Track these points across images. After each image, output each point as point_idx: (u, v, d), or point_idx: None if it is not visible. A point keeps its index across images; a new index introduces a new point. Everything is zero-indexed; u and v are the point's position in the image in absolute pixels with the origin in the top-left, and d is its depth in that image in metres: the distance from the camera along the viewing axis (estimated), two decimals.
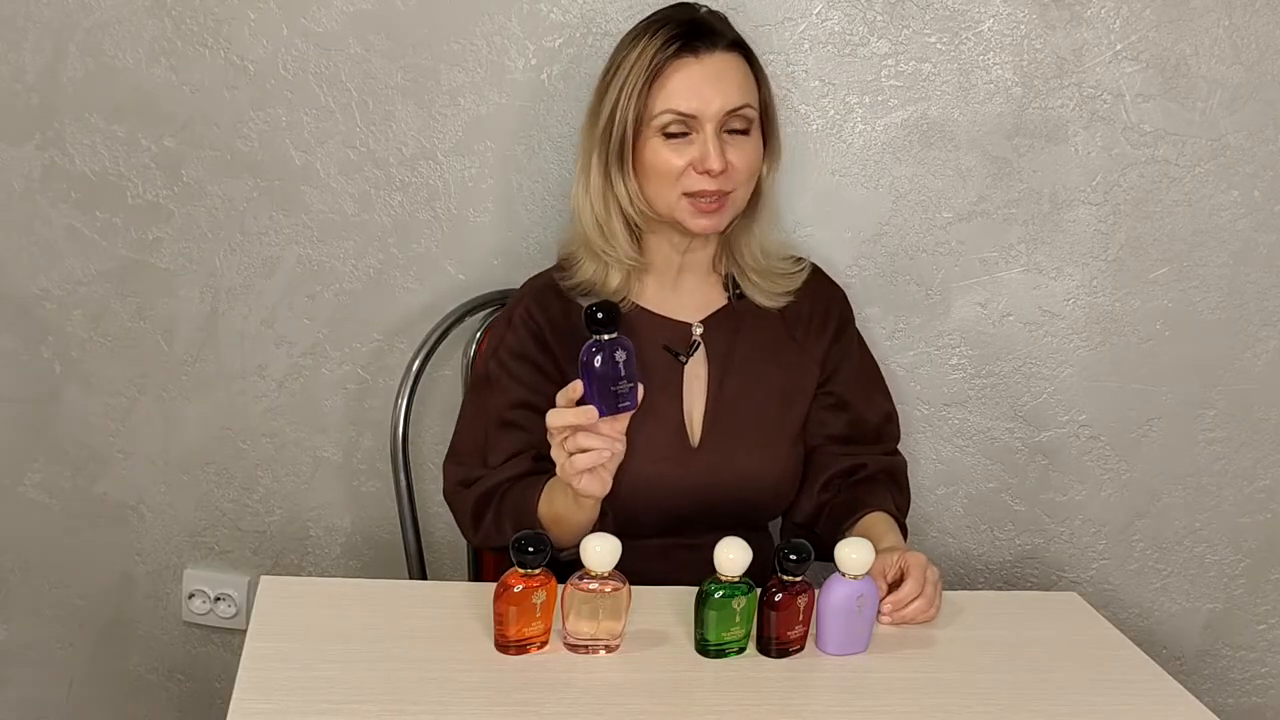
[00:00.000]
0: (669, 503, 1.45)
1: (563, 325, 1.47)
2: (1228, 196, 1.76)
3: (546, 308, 1.49)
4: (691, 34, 1.42)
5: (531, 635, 1.22)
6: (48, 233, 1.81)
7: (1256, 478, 1.86)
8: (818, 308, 1.57)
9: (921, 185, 1.77)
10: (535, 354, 1.47)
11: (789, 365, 1.54)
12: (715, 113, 1.40)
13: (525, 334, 1.48)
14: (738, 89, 1.42)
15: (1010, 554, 1.89)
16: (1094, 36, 1.71)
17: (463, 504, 1.47)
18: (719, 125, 1.41)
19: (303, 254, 1.81)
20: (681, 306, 1.52)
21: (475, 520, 1.45)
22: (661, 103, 1.41)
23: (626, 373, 1.26)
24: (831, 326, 1.57)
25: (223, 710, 1.09)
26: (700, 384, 1.50)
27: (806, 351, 1.55)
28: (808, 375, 1.55)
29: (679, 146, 1.41)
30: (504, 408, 1.47)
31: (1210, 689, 1.93)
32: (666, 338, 1.50)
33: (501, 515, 1.43)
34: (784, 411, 1.53)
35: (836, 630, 1.27)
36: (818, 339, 1.56)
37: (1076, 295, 1.80)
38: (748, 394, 1.50)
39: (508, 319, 1.51)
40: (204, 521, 1.92)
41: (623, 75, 1.43)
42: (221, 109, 1.76)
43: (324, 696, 1.12)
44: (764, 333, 1.54)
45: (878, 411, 1.59)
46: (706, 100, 1.40)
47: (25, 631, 1.98)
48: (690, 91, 1.40)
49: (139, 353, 1.85)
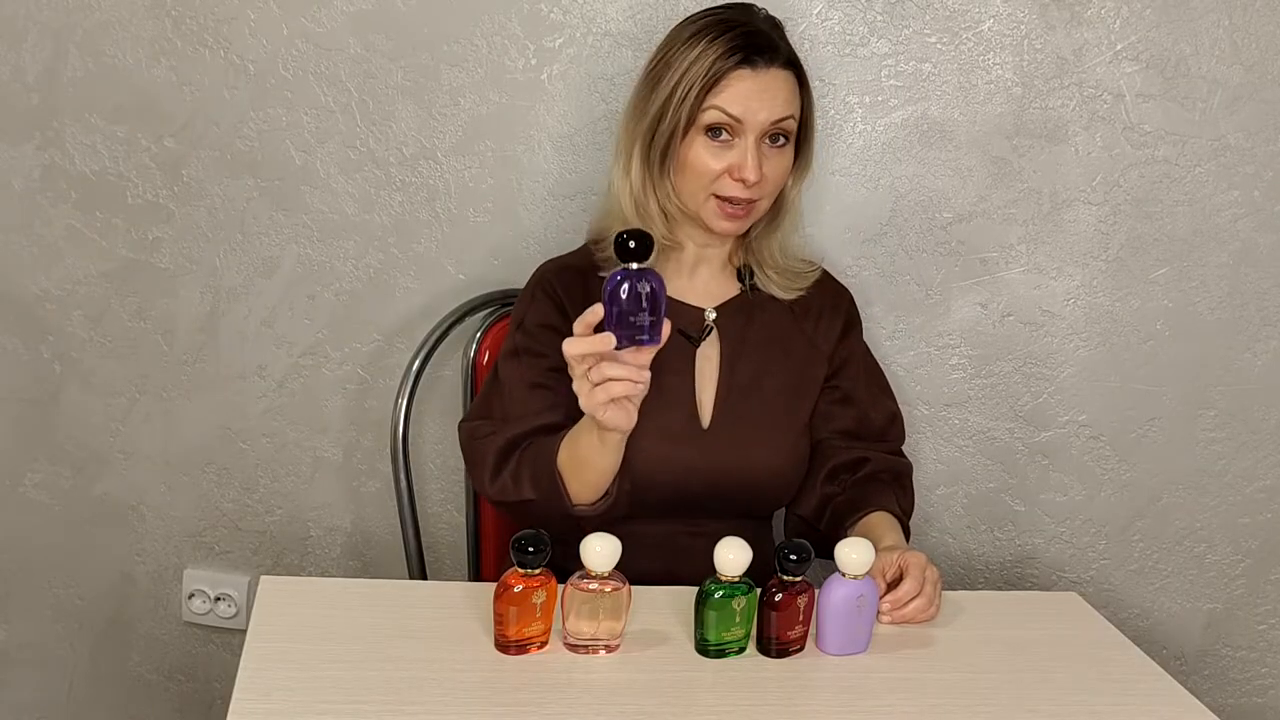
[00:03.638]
0: (678, 483, 1.46)
1: (582, 301, 1.47)
2: (1228, 196, 1.76)
3: (566, 283, 1.51)
4: (753, 48, 1.43)
5: (531, 635, 1.22)
6: (48, 233, 1.81)
7: (1256, 478, 1.86)
8: (827, 303, 1.59)
9: (921, 185, 1.77)
10: (559, 323, 1.48)
11: (799, 357, 1.55)
12: (760, 123, 1.42)
13: (549, 305, 1.50)
14: (784, 103, 1.44)
15: (1010, 554, 1.89)
16: (1094, 36, 1.71)
17: (483, 451, 1.45)
18: (760, 135, 1.43)
19: (303, 254, 1.81)
20: (695, 293, 1.54)
21: (496, 470, 1.43)
22: (711, 101, 1.43)
23: (649, 305, 1.22)
24: (840, 322, 1.59)
25: (223, 710, 1.09)
26: (712, 367, 1.52)
27: (816, 345, 1.56)
28: (816, 367, 1.56)
29: (719, 151, 1.43)
30: (535, 373, 1.47)
31: (1210, 689, 1.93)
32: (680, 321, 1.51)
33: (520, 466, 1.42)
34: (793, 401, 1.54)
35: (836, 630, 1.27)
36: (827, 333, 1.57)
37: (1076, 295, 1.80)
38: (758, 381, 1.52)
39: (530, 295, 1.52)
40: (204, 521, 1.92)
41: (678, 73, 1.43)
42: (221, 109, 1.76)
43: (324, 696, 1.12)
44: (775, 323, 1.55)
45: (883, 411, 1.60)
46: (754, 111, 1.42)
47: (25, 631, 1.98)
48: (741, 100, 1.42)
49: (139, 353, 1.85)
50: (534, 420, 1.44)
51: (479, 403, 1.53)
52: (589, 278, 1.51)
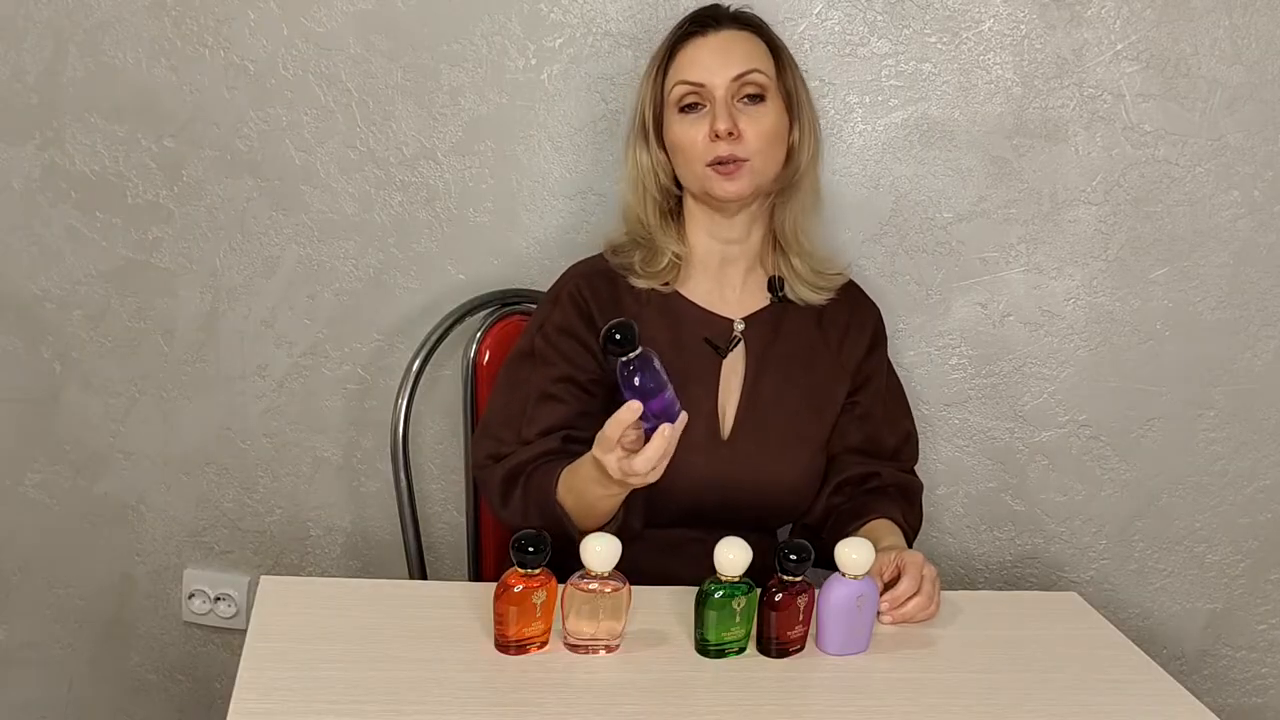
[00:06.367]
0: (693, 492, 1.45)
1: (610, 308, 1.49)
2: (1228, 196, 1.76)
3: (596, 289, 1.51)
4: (699, 20, 1.50)
5: (531, 635, 1.22)
6: (48, 233, 1.81)
7: (1256, 478, 1.86)
8: (855, 319, 1.58)
9: (921, 185, 1.77)
10: (582, 330, 1.48)
11: (823, 373, 1.55)
12: (723, 82, 1.45)
13: (573, 310, 1.49)
14: (743, 56, 1.47)
15: (1010, 554, 1.89)
16: (1094, 36, 1.71)
17: (492, 479, 1.46)
18: (729, 93, 1.45)
19: (303, 254, 1.81)
20: (725, 302, 1.54)
21: (504, 498, 1.45)
22: (673, 77, 1.48)
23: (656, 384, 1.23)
24: (867, 339, 1.58)
25: (223, 710, 1.09)
26: (737, 379, 1.51)
27: (840, 361, 1.56)
28: (839, 384, 1.56)
29: (696, 121, 1.46)
30: (547, 381, 1.47)
31: (1210, 689, 1.93)
32: (708, 331, 1.51)
33: (527, 496, 1.42)
34: (814, 417, 1.54)
35: (836, 630, 1.27)
36: (853, 349, 1.57)
37: (1076, 295, 1.80)
38: (781, 395, 1.52)
39: (554, 297, 1.52)
40: (204, 521, 1.92)
41: (648, 67, 1.52)
42: (221, 109, 1.76)
43: (324, 696, 1.12)
44: (802, 337, 1.55)
45: (898, 431, 1.59)
46: (713, 70, 1.46)
47: (25, 631, 1.98)
48: (698, 63, 1.47)
49: (139, 353, 1.85)
50: (536, 448, 1.44)
51: (486, 417, 1.52)
52: (618, 283, 1.51)
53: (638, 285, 1.50)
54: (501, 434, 1.48)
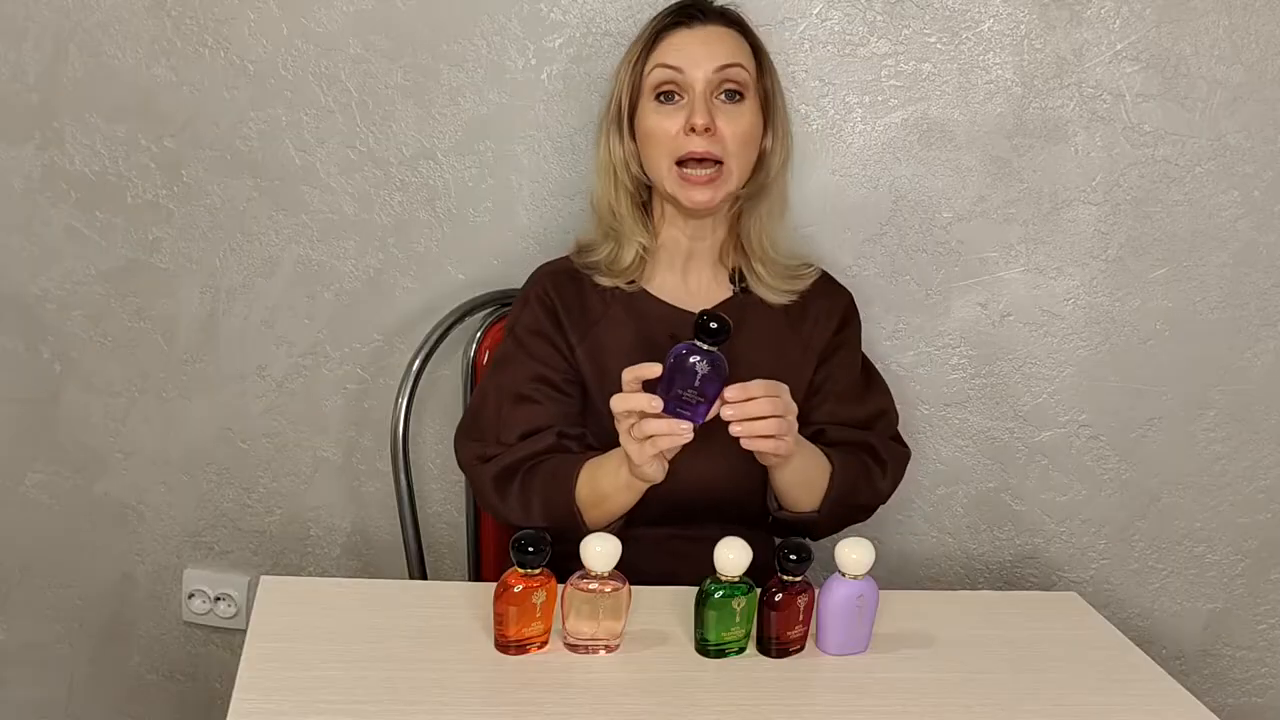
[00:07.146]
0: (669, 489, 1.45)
1: (576, 307, 1.50)
2: (1228, 196, 1.76)
3: (561, 288, 1.51)
4: (686, 12, 1.50)
5: (531, 635, 1.22)
6: (48, 233, 1.81)
7: (1256, 478, 1.86)
8: (824, 305, 1.57)
9: (921, 185, 1.77)
10: (550, 331, 1.49)
11: (790, 361, 1.54)
12: (704, 74, 1.45)
13: (540, 311, 1.50)
14: (726, 50, 1.47)
15: (1010, 554, 1.89)
16: (1094, 36, 1.71)
17: (482, 478, 1.47)
18: (708, 87, 1.45)
19: (303, 254, 1.80)
20: (689, 296, 1.54)
21: (499, 496, 1.45)
22: (653, 62, 1.48)
23: (703, 385, 1.26)
24: (835, 321, 1.57)
25: (223, 710, 1.09)
26: None
27: (809, 347, 1.55)
28: (806, 366, 1.55)
29: (672, 112, 1.46)
30: (520, 382, 1.48)
31: (1210, 689, 1.93)
32: (675, 327, 1.51)
33: (530, 493, 1.43)
34: None
35: (836, 630, 1.27)
36: (821, 333, 1.56)
37: (1076, 295, 1.80)
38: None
39: (524, 299, 1.53)
40: (204, 521, 1.92)
41: (626, 53, 1.52)
42: (221, 109, 1.76)
43: (324, 696, 1.12)
44: (766, 328, 1.54)
45: (869, 405, 1.58)
46: (695, 60, 1.45)
47: (25, 631, 1.97)
48: (679, 51, 1.47)
49: (139, 353, 1.85)
50: (526, 448, 1.45)
51: (467, 418, 1.54)
52: (583, 282, 1.52)
53: (603, 284, 1.51)
54: (483, 435, 1.49)
